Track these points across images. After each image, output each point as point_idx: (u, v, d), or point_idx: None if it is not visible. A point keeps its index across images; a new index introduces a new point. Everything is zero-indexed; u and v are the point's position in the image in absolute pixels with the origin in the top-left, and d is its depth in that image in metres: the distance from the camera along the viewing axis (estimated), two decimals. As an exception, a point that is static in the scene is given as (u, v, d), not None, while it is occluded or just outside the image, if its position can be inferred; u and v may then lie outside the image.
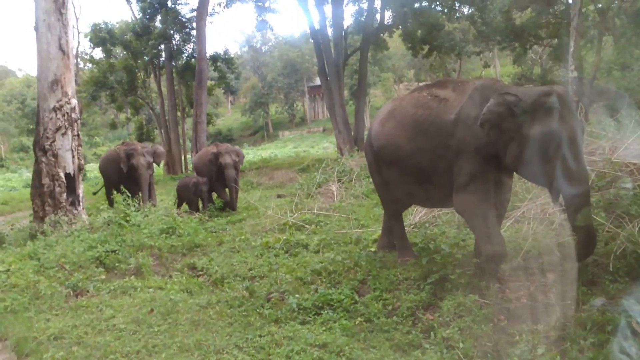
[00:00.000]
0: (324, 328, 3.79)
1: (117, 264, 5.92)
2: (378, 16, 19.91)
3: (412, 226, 5.92)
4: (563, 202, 3.55)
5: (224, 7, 21.15)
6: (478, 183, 3.93)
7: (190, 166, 21.76)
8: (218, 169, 9.48)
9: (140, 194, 9.54)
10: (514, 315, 3.44)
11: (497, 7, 17.98)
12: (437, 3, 19.39)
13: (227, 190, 9.61)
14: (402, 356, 3.31)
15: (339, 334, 3.63)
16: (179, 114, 23.85)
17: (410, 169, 4.46)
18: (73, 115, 8.51)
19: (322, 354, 3.37)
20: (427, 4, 19.24)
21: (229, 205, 9.50)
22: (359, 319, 3.83)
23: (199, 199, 9.69)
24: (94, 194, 12.10)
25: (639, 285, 3.40)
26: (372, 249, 5.35)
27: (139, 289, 5.10)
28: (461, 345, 3.18)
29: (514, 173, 4.10)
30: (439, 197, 4.49)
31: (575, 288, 3.46)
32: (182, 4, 23.10)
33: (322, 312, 4.05)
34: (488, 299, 3.62)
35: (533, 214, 5.09)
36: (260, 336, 3.74)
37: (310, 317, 4.02)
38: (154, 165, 10.56)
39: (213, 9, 20.78)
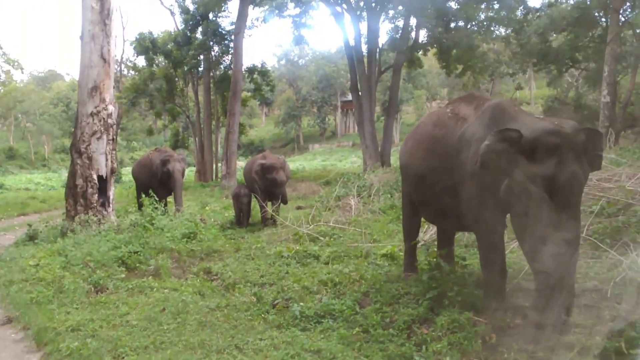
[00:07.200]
0: (322, 336, 3.91)
1: (138, 265, 6.26)
2: (413, 34, 20.09)
3: (420, 243, 5.99)
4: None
5: (261, 22, 21.73)
6: (484, 210, 3.69)
7: (220, 174, 22.28)
8: (262, 180, 8.68)
9: (167, 198, 9.98)
10: (506, 334, 3.50)
11: (533, 28, 17.87)
12: (473, 23, 19.42)
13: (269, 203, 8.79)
14: (393, 367, 3.41)
15: (336, 342, 3.74)
16: (213, 123, 24.51)
17: (424, 188, 4.47)
18: (109, 120, 8.97)
19: (315, 359, 3.51)
20: (463, 23, 19.30)
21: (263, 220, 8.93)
22: (357, 329, 3.93)
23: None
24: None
25: (636, 312, 3.41)
26: (379, 263, 5.47)
27: (155, 289, 5.38)
28: (448, 359, 3.27)
29: None
30: (451, 219, 4.38)
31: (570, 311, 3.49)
32: (222, 17, 23.82)
33: (323, 320, 4.17)
34: (483, 317, 3.69)
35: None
36: (260, 339, 3.90)
37: (311, 324, 4.15)
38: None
39: (252, 23, 21.37)
